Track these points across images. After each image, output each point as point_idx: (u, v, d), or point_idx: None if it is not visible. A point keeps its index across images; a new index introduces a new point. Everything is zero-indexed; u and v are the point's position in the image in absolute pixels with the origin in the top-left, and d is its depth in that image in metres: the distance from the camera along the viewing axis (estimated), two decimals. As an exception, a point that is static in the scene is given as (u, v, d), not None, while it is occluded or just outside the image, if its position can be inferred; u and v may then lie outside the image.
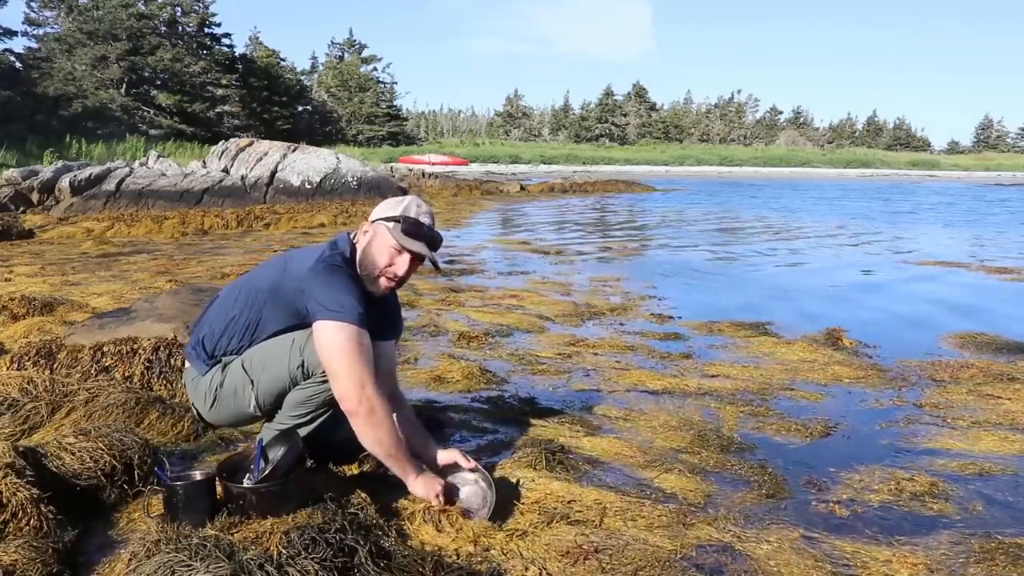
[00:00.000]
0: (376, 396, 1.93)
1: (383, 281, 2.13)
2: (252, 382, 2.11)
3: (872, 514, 2.17)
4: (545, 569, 1.81)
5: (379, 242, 2.11)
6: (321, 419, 2.14)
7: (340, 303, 1.95)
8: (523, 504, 2.14)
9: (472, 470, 2.13)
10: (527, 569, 1.80)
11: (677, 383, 3.44)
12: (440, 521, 1.97)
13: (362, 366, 1.92)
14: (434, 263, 2.17)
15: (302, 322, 2.07)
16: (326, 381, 2.03)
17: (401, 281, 2.15)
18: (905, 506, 2.22)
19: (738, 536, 1.99)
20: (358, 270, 2.13)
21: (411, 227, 2.08)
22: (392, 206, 2.15)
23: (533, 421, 2.88)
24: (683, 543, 1.94)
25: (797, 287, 6.61)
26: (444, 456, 2.18)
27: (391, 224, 2.10)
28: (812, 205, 19.93)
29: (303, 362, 2.05)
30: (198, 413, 2.27)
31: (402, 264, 2.11)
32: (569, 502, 2.16)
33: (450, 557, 1.82)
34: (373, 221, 2.15)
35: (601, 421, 2.94)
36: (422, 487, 2.02)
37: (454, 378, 3.43)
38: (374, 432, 1.95)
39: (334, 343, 1.93)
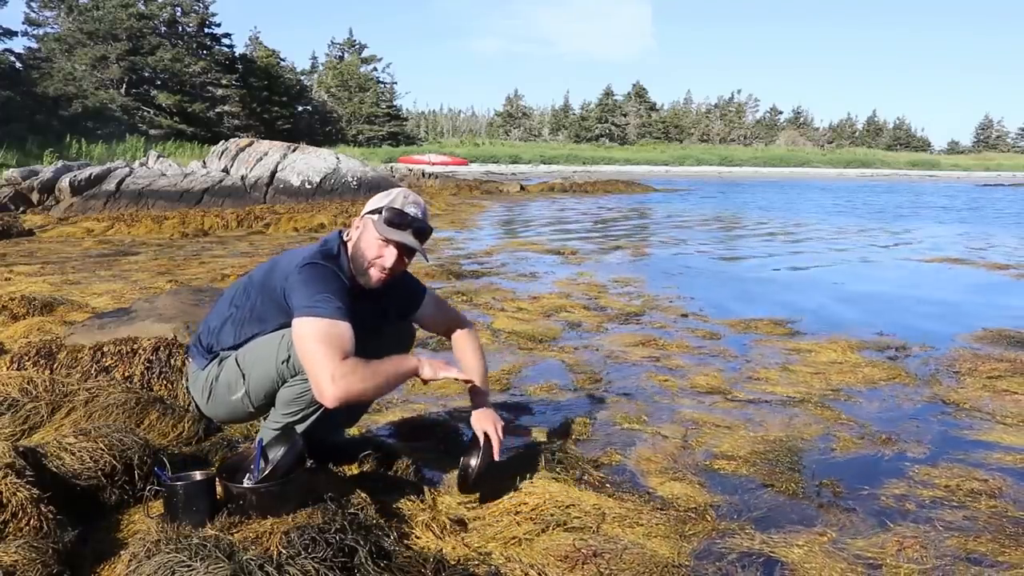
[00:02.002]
0: (346, 378, 1.89)
1: (374, 272, 2.13)
2: (244, 377, 2.12)
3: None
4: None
5: (367, 235, 2.13)
6: (314, 416, 2.13)
7: (315, 298, 1.96)
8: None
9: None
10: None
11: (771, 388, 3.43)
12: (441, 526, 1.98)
13: (331, 358, 1.89)
14: (422, 253, 2.18)
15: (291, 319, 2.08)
16: None
17: (393, 272, 2.15)
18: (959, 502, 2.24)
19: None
20: (350, 264, 2.14)
21: (394, 217, 2.10)
22: (380, 199, 2.18)
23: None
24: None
25: (813, 286, 6.59)
26: (475, 425, 2.27)
27: (376, 216, 2.12)
28: (813, 205, 19.92)
29: (289, 357, 2.04)
30: (197, 408, 2.30)
31: (389, 256, 2.11)
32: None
33: (451, 559, 1.82)
34: (363, 215, 2.17)
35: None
36: (429, 368, 2.06)
37: (531, 389, 3.43)
38: (365, 395, 1.99)
39: (302, 336, 1.94)
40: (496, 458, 2.19)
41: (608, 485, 2.34)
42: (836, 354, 3.98)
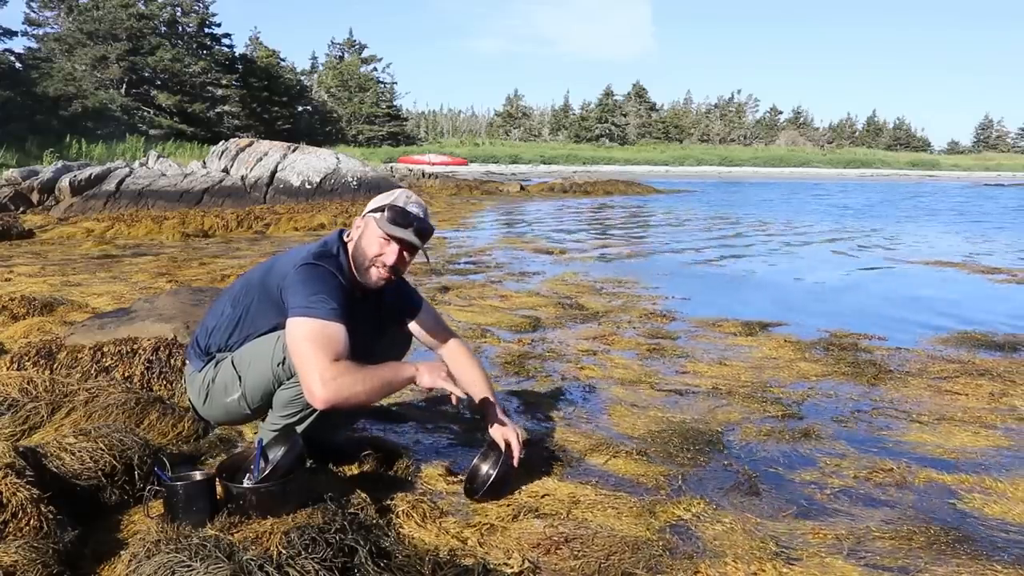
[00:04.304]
0: (336, 380, 1.87)
1: (374, 272, 2.15)
2: (240, 378, 2.12)
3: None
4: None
5: (369, 233, 2.14)
6: (312, 418, 2.13)
7: (310, 299, 1.95)
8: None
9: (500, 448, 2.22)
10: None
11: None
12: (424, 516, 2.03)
13: (321, 360, 1.88)
14: (424, 252, 2.20)
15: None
16: None
17: (394, 271, 2.16)
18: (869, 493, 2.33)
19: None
20: (351, 263, 2.16)
21: (397, 216, 2.11)
22: (382, 199, 2.20)
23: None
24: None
25: (800, 287, 6.62)
26: (495, 434, 2.26)
27: (378, 215, 2.13)
28: (812, 205, 19.93)
29: (284, 359, 2.04)
30: (195, 409, 2.30)
31: (391, 254, 2.13)
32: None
33: (442, 553, 1.84)
34: (364, 215, 2.19)
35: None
36: (428, 376, 2.03)
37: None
38: (357, 398, 1.94)
39: (294, 337, 1.94)
40: (515, 466, 2.21)
41: (561, 469, 2.44)
42: (788, 352, 4.03)
